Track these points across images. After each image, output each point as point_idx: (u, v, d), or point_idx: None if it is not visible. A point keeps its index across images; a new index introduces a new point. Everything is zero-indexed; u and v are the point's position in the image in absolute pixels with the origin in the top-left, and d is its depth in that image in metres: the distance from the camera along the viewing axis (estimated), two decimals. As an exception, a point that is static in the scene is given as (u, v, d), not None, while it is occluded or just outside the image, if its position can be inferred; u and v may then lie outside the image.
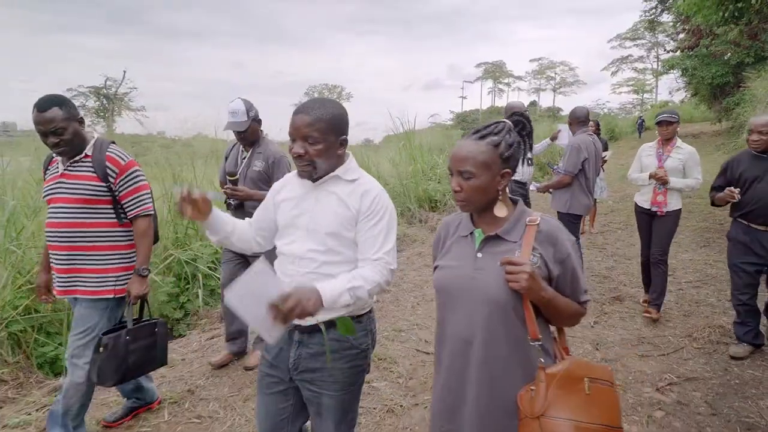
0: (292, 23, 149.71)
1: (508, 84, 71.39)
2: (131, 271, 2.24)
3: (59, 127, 2.05)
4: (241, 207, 2.95)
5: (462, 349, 1.33)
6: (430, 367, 3.06)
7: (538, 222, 1.30)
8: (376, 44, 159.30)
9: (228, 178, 2.88)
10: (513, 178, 4.35)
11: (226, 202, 2.98)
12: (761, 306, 3.26)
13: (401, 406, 2.66)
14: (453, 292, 1.36)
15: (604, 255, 5.67)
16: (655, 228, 3.75)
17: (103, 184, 2.12)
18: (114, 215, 2.19)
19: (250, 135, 2.97)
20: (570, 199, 4.05)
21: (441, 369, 1.40)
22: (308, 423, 1.71)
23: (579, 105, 4.45)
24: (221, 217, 1.60)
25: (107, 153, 2.16)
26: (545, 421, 1.19)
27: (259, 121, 3.02)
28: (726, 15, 8.91)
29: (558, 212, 4.22)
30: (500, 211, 1.32)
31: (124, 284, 2.21)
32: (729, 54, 15.85)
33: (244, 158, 3.02)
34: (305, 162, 1.48)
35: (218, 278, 4.22)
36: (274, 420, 1.62)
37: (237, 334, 3.18)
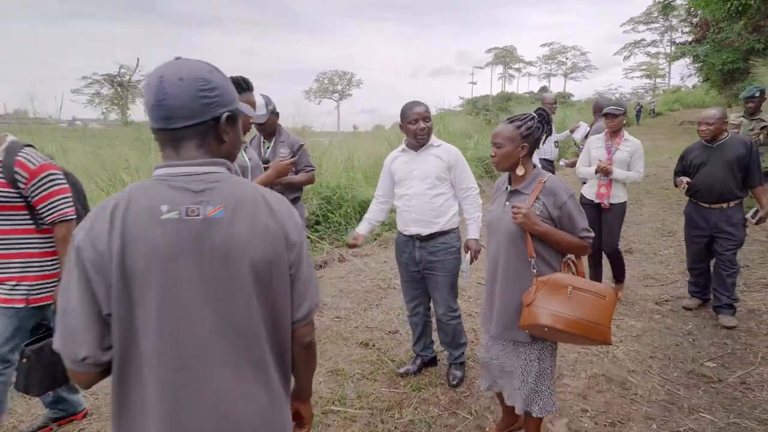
0: (302, 9, 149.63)
1: (518, 69, 71.14)
2: (53, 279, 2.11)
3: None
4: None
5: (493, 264, 1.97)
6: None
7: (544, 180, 1.86)
8: (386, 31, 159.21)
9: (262, 166, 2.90)
10: (543, 157, 5.49)
11: None
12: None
13: (476, 312, 3.82)
14: (491, 227, 1.98)
15: (617, 222, 6.75)
16: (604, 221, 3.82)
17: (13, 190, 1.97)
18: (31, 221, 2.06)
19: (268, 127, 3.15)
20: (591, 172, 5.11)
21: (486, 276, 2.06)
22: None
23: (601, 96, 5.50)
24: (371, 226, 2.87)
25: (17, 157, 1.97)
26: (532, 308, 1.75)
27: (277, 114, 3.19)
28: (731, 9, 9.77)
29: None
30: (519, 170, 1.89)
31: (41, 293, 2.09)
32: (737, 42, 16.35)
33: (267, 148, 3.21)
34: (426, 133, 2.59)
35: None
36: (413, 294, 2.84)
37: None
